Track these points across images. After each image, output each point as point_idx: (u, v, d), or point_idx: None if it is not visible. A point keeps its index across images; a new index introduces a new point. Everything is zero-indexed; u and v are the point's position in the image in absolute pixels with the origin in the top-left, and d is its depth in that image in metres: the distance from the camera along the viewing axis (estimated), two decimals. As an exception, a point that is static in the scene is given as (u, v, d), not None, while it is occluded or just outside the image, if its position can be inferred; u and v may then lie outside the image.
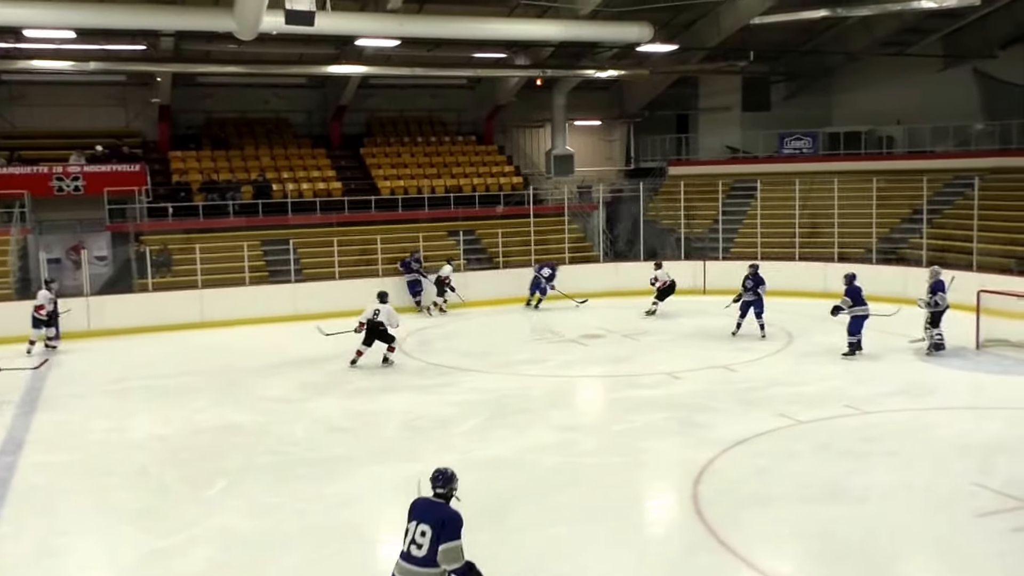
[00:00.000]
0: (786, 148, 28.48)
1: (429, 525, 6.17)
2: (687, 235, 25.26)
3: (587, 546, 8.42)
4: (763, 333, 17.42)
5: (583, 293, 22.73)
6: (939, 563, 8.05)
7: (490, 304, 22.23)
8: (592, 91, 29.82)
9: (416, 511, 6.35)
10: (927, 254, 21.71)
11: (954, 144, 26.60)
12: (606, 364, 16.12)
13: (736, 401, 13.16)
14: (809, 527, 8.71)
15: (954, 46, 26.64)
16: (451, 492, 6.42)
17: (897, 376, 14.40)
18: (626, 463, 10.72)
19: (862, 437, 11.33)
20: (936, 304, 15.51)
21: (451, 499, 6.40)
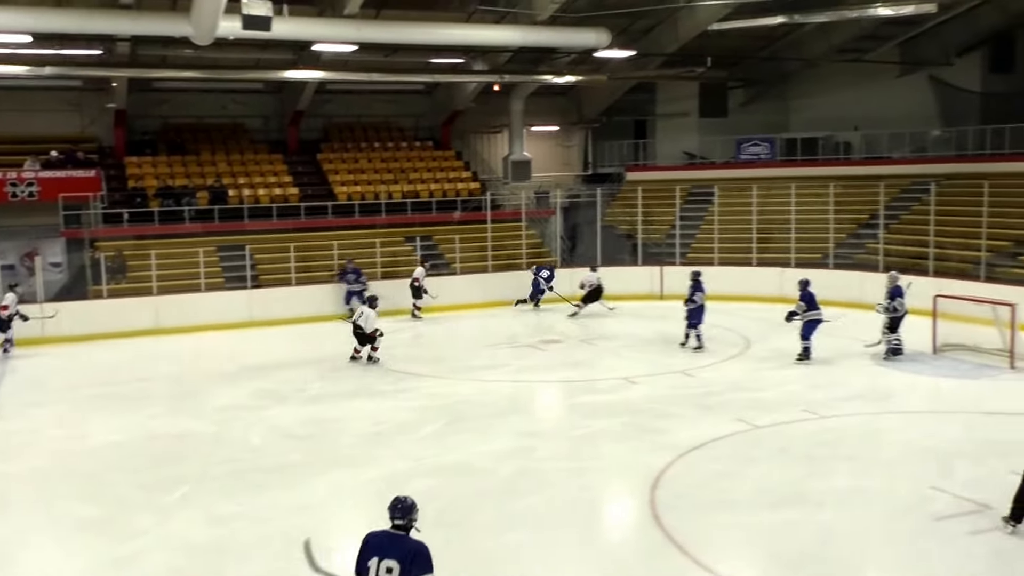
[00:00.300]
0: (743, 154, 28.65)
1: (396, 560, 5.67)
2: (644, 241, 25.26)
3: (545, 552, 8.33)
4: (699, 343, 16.84)
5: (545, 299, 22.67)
6: (898, 566, 8.04)
7: (448, 310, 22.06)
8: (550, 97, 29.79)
9: (374, 547, 5.83)
10: (884, 259, 21.90)
11: (911, 150, 26.92)
12: (564, 369, 16.03)
13: (694, 406, 13.13)
14: (767, 532, 8.67)
15: (911, 53, 27.00)
16: (411, 523, 5.93)
17: (854, 381, 14.47)
18: (584, 468, 10.63)
19: (820, 442, 11.35)
20: (894, 310, 15.62)
21: (411, 530, 5.92)
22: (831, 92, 28.61)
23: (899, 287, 15.74)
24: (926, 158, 26.03)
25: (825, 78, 28.41)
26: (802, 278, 16.22)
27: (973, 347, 15.71)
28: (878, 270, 21.30)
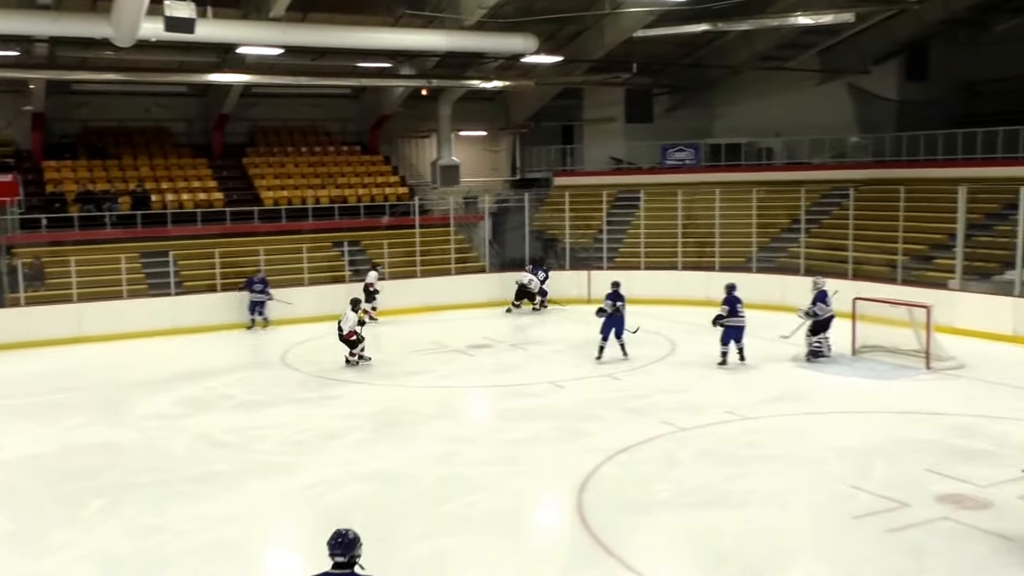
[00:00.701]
0: (669, 159, 29.06)
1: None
2: (572, 245, 25.44)
3: (473, 558, 8.30)
4: (624, 353, 16.48)
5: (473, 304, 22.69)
6: (818, 564, 8.20)
7: (376, 315, 21.89)
8: (478, 102, 29.81)
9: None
10: (805, 263, 22.42)
11: (830, 156, 27.63)
12: (492, 374, 16.03)
13: (620, 409, 13.24)
14: (692, 532, 8.78)
15: (830, 61, 27.72)
16: (354, 559, 5.36)
17: (776, 382, 14.76)
18: (512, 473, 10.63)
19: (743, 443, 11.54)
20: (815, 314, 15.97)
21: (355, 567, 5.38)
22: (754, 99, 29.20)
23: (824, 292, 16.08)
24: (845, 164, 26.78)
25: (748, 85, 28.99)
26: (728, 282, 16.39)
27: (891, 348, 16.15)
28: (799, 273, 21.82)
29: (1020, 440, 11.30)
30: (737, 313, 15.72)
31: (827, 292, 16.07)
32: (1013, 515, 8.88)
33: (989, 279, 19.22)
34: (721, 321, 15.78)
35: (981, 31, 26.85)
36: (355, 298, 17.27)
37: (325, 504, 9.70)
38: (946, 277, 19.57)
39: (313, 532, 9.12)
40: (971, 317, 17.95)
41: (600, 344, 16.42)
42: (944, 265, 20.04)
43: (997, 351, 16.64)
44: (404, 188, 27.30)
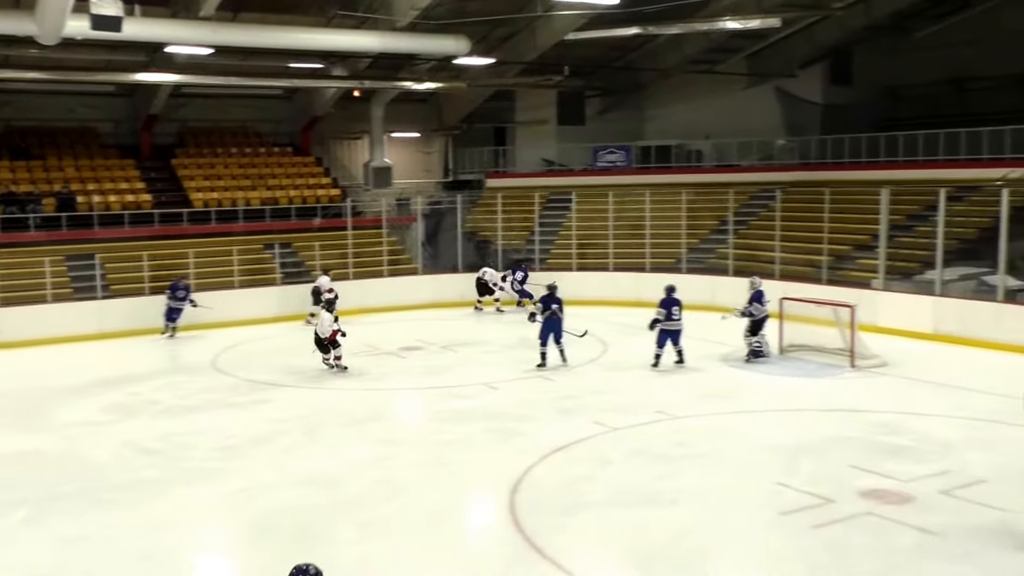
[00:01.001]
0: (600, 161, 29.29)
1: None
2: (505, 246, 25.48)
3: (405, 561, 8.26)
4: (564, 359, 16.18)
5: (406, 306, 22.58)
6: (746, 560, 8.34)
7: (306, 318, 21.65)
8: (411, 103, 29.66)
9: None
10: (733, 264, 22.82)
11: (758, 158, 28.16)
12: (425, 376, 15.96)
13: (553, 410, 13.31)
14: (624, 531, 8.85)
15: (758, 65, 28.28)
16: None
17: (706, 382, 14.97)
18: (445, 475, 10.61)
19: (673, 442, 11.68)
20: (750, 313, 16.24)
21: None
22: (684, 102, 29.63)
23: (760, 292, 16.35)
24: (772, 166, 27.32)
25: (678, 88, 29.40)
26: (667, 284, 16.25)
27: (817, 347, 16.51)
28: (728, 274, 22.20)
29: (940, 436, 11.65)
30: (672, 316, 15.70)
31: (763, 292, 16.36)
32: (934, 509, 9.15)
33: (910, 279, 19.78)
34: (658, 322, 15.75)
35: (902, 37, 27.67)
36: (330, 299, 17.04)
37: (255, 509, 9.55)
38: (869, 277, 20.09)
39: (243, 538, 9.04)
40: (893, 316, 18.47)
41: (541, 351, 16.00)
42: (867, 265, 20.57)
43: (918, 349, 17.14)
44: (336, 190, 27.04)
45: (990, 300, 17.61)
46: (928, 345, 17.51)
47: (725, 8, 23.07)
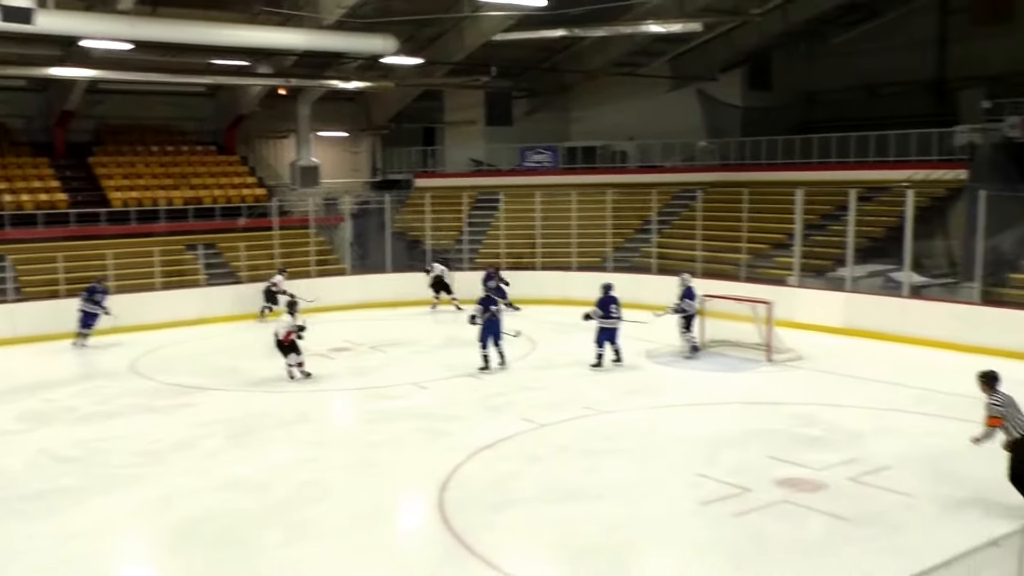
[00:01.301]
0: (528, 161, 29.56)
1: None
2: (434, 246, 25.54)
3: (334, 563, 8.28)
4: (503, 361, 16.09)
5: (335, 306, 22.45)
6: (670, 550, 8.61)
7: (231, 320, 21.40)
8: (338, 102, 29.49)
9: None
10: (657, 262, 23.28)
11: (680, 159, 28.74)
12: (353, 377, 15.94)
13: (482, 408, 13.45)
14: (552, 526, 9.03)
15: (680, 69, 28.86)
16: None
17: (631, 378, 15.28)
18: (373, 476, 10.65)
19: (599, 437, 11.93)
20: (682, 309, 16.59)
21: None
22: (608, 103, 30.05)
23: (690, 288, 16.73)
24: (694, 167, 27.93)
25: (603, 90, 29.80)
26: (604, 282, 16.32)
27: (736, 343, 17.00)
28: (652, 272, 22.64)
29: (850, 426, 12.14)
30: (611, 315, 15.73)
31: (693, 289, 16.74)
32: (844, 496, 9.57)
33: (824, 276, 20.48)
34: (590, 319, 15.80)
35: (818, 43, 28.57)
36: (292, 300, 16.32)
37: (177, 516, 9.44)
38: (785, 274, 20.73)
39: (165, 546, 8.92)
40: (808, 312, 19.09)
41: (482, 353, 15.80)
42: (784, 263, 21.21)
43: (831, 343, 17.76)
44: (262, 189, 26.72)
45: (896, 296, 18.35)
46: (840, 339, 18.15)
47: (648, 12, 23.51)
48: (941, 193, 21.58)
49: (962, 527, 8.47)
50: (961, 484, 9.86)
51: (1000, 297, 17.37)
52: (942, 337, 16.87)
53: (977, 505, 9.20)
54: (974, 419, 11.65)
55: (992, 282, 17.90)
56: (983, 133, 22.31)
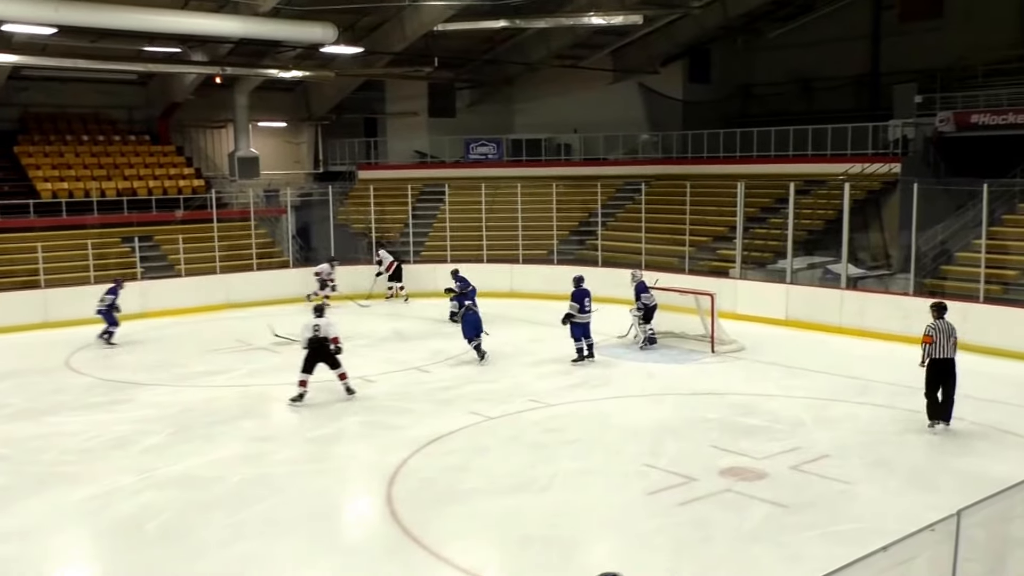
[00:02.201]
0: (472, 154, 29.50)
1: None
2: (379, 239, 25.34)
3: (279, 560, 8.16)
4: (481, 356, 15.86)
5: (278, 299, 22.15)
6: (617, 539, 8.67)
7: (171, 314, 20.94)
8: (276, 91, 29.07)
9: None
10: (602, 255, 23.42)
11: (624, 152, 28.95)
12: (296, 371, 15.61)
13: (429, 401, 13.39)
14: (500, 518, 9.04)
15: (621, 61, 29.03)
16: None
17: (577, 369, 15.34)
18: (320, 470, 10.53)
19: (546, 429, 11.96)
20: (645, 306, 16.67)
21: None
22: (552, 96, 30.11)
23: (643, 283, 16.77)
24: (637, 160, 28.16)
25: (547, 82, 29.85)
26: (576, 275, 16.30)
27: (680, 334, 17.19)
28: (597, 265, 22.76)
29: (790, 415, 12.36)
30: (585, 308, 15.58)
31: (645, 283, 16.83)
32: (785, 483, 9.74)
33: (764, 268, 20.81)
34: (572, 317, 15.59)
35: (755, 37, 28.98)
36: (319, 305, 14.04)
37: (115, 515, 9.21)
38: (728, 266, 21.02)
39: (103, 545, 8.72)
40: (750, 303, 19.39)
41: (473, 345, 15.77)
42: (726, 255, 21.51)
43: (772, 334, 18.04)
44: (200, 180, 26.20)
45: (834, 287, 18.72)
46: (780, 330, 18.46)
47: (589, 4, 23.58)
48: (876, 186, 22.08)
49: (899, 512, 8.68)
50: (897, 471, 10.11)
51: (934, 288, 17.83)
52: (879, 328, 17.27)
53: (912, 491, 9.43)
54: (911, 407, 12.05)
55: (926, 274, 18.38)
56: (915, 127, 22.88)
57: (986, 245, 17.09)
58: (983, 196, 17.05)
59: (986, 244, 17.11)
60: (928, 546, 3.47)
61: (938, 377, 11.33)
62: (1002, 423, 11.75)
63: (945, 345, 11.23)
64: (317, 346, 12.99)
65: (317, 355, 13.07)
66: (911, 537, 3.40)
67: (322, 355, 13.05)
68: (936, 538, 3.43)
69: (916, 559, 3.45)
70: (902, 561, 3.39)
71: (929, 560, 3.49)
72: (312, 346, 12.98)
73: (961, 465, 10.12)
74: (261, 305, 21.99)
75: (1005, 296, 16.78)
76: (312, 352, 13.02)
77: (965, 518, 3.42)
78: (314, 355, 13.06)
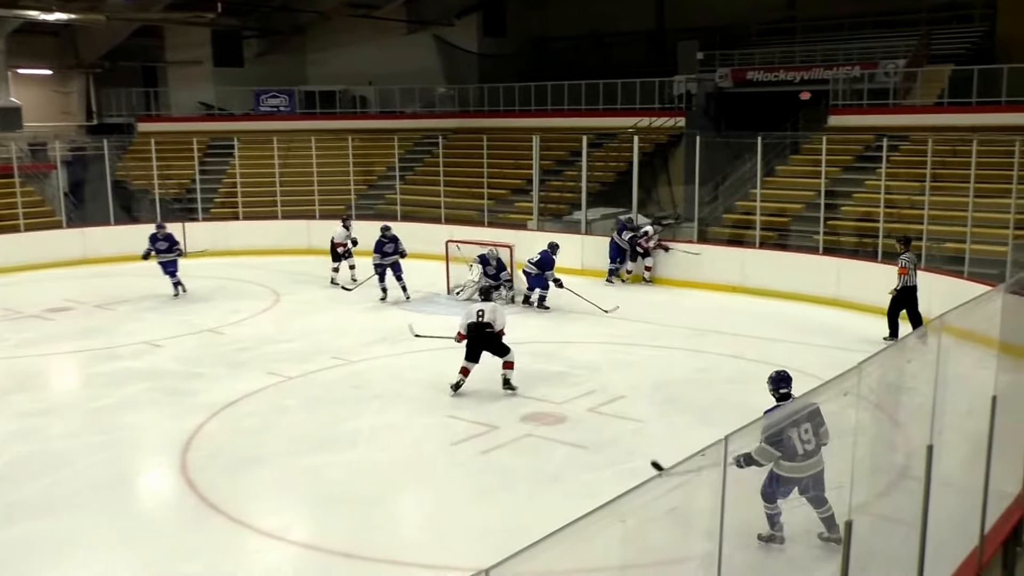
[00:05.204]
0: (263, 106, 28.36)
1: None
2: (163, 196, 23.94)
3: (64, 538, 7.63)
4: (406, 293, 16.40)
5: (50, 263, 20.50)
6: (422, 490, 8.73)
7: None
8: (39, 36, 26.65)
9: None
10: (401, 209, 23.22)
11: (421, 106, 28.73)
12: (77, 338, 14.63)
13: (224, 364, 12.86)
14: (302, 478, 8.86)
15: (416, 12, 28.66)
16: None
17: (378, 325, 15.18)
18: (106, 441, 9.89)
19: (349, 385, 11.80)
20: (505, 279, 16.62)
21: None
22: (346, 46, 29.40)
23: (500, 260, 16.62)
24: (434, 113, 28.07)
25: (340, 32, 29.08)
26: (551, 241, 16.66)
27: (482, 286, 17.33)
28: (397, 219, 22.53)
29: (588, 360, 12.82)
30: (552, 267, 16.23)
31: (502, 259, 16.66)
32: (583, 426, 10.12)
33: (561, 219, 21.37)
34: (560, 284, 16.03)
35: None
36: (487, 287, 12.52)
37: None
38: (526, 219, 21.43)
39: None
40: (548, 254, 19.84)
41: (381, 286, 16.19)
42: (524, 208, 21.90)
43: (570, 283, 18.50)
44: (-48, 133, 23.74)
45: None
46: (578, 279, 18.97)
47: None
48: (663, 139, 23.11)
49: (686, 447, 9.12)
50: (685, 408, 10.73)
51: (715, 236, 18.92)
52: (668, 275, 18.17)
53: (699, 426, 10.00)
54: (699, 349, 12.80)
55: (709, 222, 19.48)
56: (698, 83, 24.07)
57: (761, 194, 18.28)
58: (758, 149, 18.19)
59: (761, 193, 18.31)
60: (701, 469, 3.80)
61: (906, 302, 13.11)
62: (776, 359, 12.68)
63: (914, 274, 13.08)
64: (480, 333, 11.24)
65: (480, 342, 11.29)
66: (686, 462, 3.68)
67: (487, 342, 11.31)
68: (706, 462, 3.74)
69: (690, 483, 3.77)
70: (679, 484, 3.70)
71: (704, 482, 3.84)
72: (473, 333, 11.24)
73: (741, 399, 10.82)
74: (30, 269, 20.29)
75: (779, 242, 18.06)
76: (474, 340, 11.26)
77: (732, 443, 3.77)
78: (477, 342, 11.28)
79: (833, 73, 21.82)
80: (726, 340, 13.78)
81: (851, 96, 21.42)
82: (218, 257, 21.30)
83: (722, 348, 13.32)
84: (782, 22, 25.48)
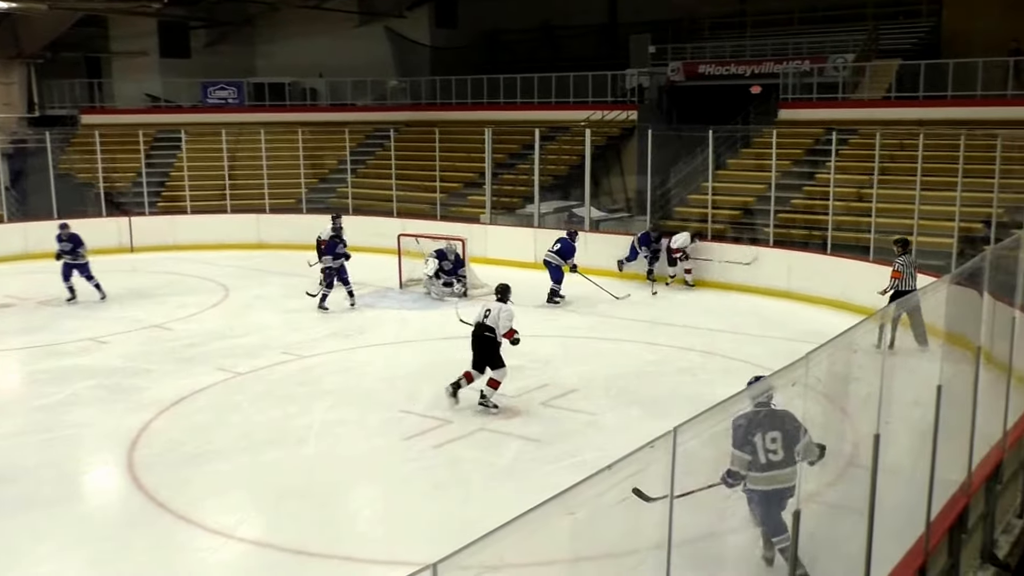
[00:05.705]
0: (211, 98, 27.89)
1: None
2: (108, 190, 23.43)
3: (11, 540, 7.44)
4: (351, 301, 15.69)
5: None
6: (374, 486, 8.67)
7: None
8: (-21, 25, 25.94)
9: None
10: (353, 203, 23.01)
11: (372, 98, 28.49)
12: (18, 336, 14.28)
13: (172, 360, 12.64)
14: (252, 474, 8.75)
15: (367, 4, 28.40)
16: None
17: (330, 320, 15.05)
18: (49, 440, 9.67)
19: (299, 381, 11.68)
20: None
21: None
22: (296, 38, 29.06)
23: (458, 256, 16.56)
24: (386, 106, 27.86)
25: (290, 23, 28.74)
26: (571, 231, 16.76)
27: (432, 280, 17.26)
28: (349, 213, 22.33)
29: (542, 354, 12.77)
30: None
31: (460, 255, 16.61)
32: (536, 419, 10.13)
33: (514, 213, 21.35)
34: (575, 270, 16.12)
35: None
36: (503, 284, 10.96)
37: None
38: (478, 212, 21.36)
39: None
40: (500, 247, 19.80)
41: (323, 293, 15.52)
42: (476, 201, 21.83)
43: (522, 277, 18.43)
44: None
45: (579, 229, 19.48)
46: (531, 273, 18.98)
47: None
48: (615, 132, 23.19)
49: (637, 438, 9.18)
50: (636, 400, 10.77)
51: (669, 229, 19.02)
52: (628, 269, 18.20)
53: (651, 418, 10.04)
54: (652, 341, 12.88)
55: (661, 215, 19.59)
56: (650, 76, 24.18)
57: (713, 187, 18.43)
58: (709, 142, 18.32)
59: (712, 186, 18.45)
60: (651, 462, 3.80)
61: None
62: (726, 350, 12.82)
63: (911, 278, 12.39)
64: (480, 334, 10.16)
65: (477, 344, 10.18)
66: (635, 454, 3.68)
67: (482, 346, 10.15)
68: (657, 455, 3.74)
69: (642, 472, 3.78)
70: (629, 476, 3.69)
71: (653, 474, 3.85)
72: (474, 332, 10.22)
73: (692, 391, 10.92)
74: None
75: (730, 234, 18.22)
76: (473, 340, 10.21)
77: (680, 434, 3.77)
78: (474, 344, 10.21)
79: (783, 67, 22.07)
80: (677, 332, 13.88)
81: (801, 90, 21.68)
82: (165, 252, 20.96)
83: (673, 341, 13.42)
84: (733, 16, 25.70)
